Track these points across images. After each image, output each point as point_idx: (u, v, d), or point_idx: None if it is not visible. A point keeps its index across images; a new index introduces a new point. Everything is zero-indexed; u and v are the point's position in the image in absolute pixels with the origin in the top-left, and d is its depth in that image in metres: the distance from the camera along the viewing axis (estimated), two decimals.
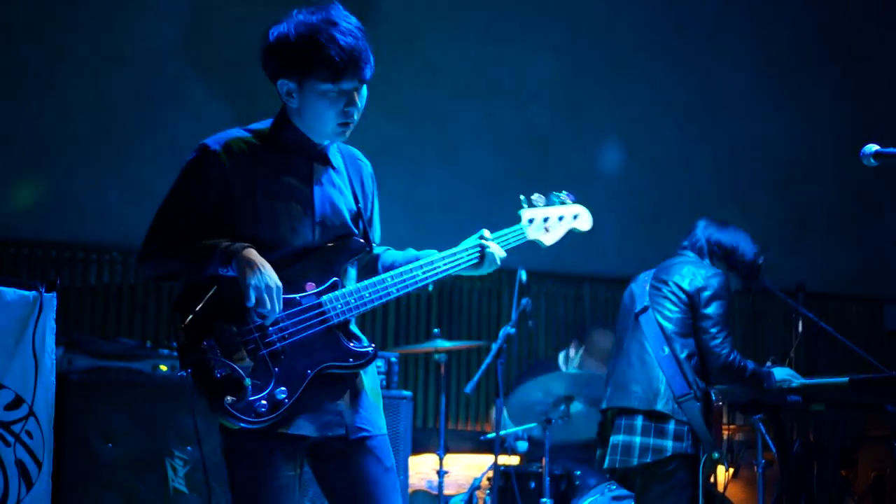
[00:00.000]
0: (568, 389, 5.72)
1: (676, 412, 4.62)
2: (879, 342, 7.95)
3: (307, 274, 2.99)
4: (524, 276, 5.85)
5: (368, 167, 3.24)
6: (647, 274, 4.97)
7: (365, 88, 3.02)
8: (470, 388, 5.94)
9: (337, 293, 2.99)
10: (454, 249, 3.19)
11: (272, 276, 2.87)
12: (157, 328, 6.88)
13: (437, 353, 5.96)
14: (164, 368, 4.98)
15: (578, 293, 7.70)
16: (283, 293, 2.90)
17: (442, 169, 7.41)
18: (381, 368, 5.68)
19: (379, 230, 3.30)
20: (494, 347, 5.72)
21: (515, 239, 3.32)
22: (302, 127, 3.03)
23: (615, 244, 7.57)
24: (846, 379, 4.80)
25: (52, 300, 4.17)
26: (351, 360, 3.00)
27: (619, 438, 4.71)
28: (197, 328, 2.87)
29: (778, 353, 5.94)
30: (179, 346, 2.90)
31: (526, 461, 6.14)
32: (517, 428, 6.04)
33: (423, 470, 6.21)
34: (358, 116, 3.03)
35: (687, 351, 4.71)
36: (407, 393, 5.72)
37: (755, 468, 5.04)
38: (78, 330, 6.60)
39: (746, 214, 5.24)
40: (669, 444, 4.63)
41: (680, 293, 4.74)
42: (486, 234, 3.23)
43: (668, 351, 4.69)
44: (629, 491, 5.03)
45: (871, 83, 8.30)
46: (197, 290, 2.93)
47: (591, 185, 7.59)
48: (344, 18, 2.95)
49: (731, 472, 5.75)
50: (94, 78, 6.89)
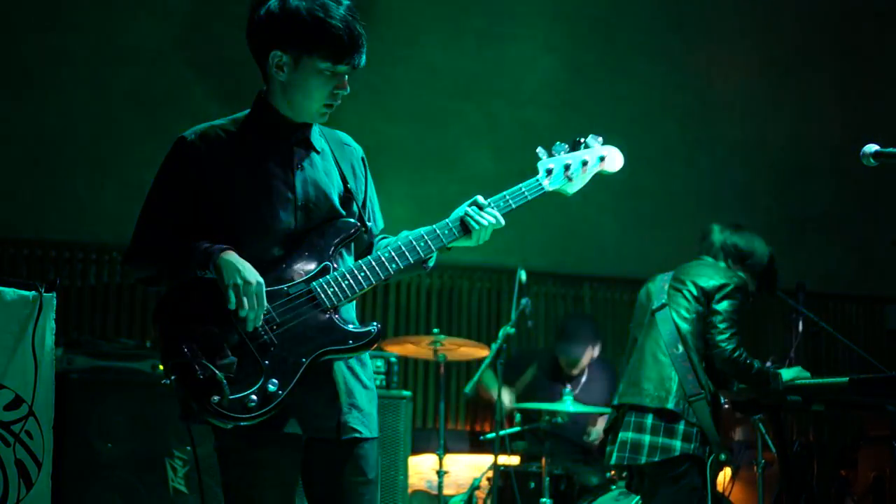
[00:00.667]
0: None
1: (687, 412, 4.64)
2: (879, 342, 7.96)
3: (296, 263, 2.92)
4: (524, 276, 5.85)
5: (359, 151, 3.18)
6: (665, 275, 5.00)
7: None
8: (470, 388, 5.94)
9: (328, 277, 2.92)
10: (443, 222, 3.06)
11: (252, 275, 2.81)
12: None
13: (436, 353, 5.94)
14: (164, 368, 4.98)
15: (578, 293, 7.69)
16: (269, 285, 2.84)
17: (441, 169, 7.41)
18: (380, 368, 5.68)
19: (380, 216, 3.23)
20: (494, 347, 5.72)
21: (531, 192, 3.12)
22: (283, 107, 2.98)
23: (615, 244, 7.57)
24: (846, 379, 4.79)
25: (51, 300, 4.16)
26: (351, 341, 2.90)
27: (628, 435, 4.72)
28: (177, 334, 2.83)
29: (778, 353, 5.95)
30: (161, 354, 2.88)
31: (526, 461, 6.14)
32: (517, 428, 6.04)
33: (422, 470, 6.21)
34: (340, 98, 2.97)
35: (703, 352, 4.74)
36: (407, 393, 5.73)
37: (755, 468, 5.04)
38: (78, 330, 6.61)
39: (746, 214, 5.24)
40: (678, 444, 4.64)
41: (697, 292, 4.77)
42: (479, 200, 3.08)
43: (682, 350, 4.71)
44: (635, 494, 5.03)
45: (871, 83, 8.30)
46: (177, 294, 2.91)
47: (590, 185, 7.60)
48: (347, 2, 2.94)
49: (731, 472, 5.74)
50: (94, 78, 6.89)
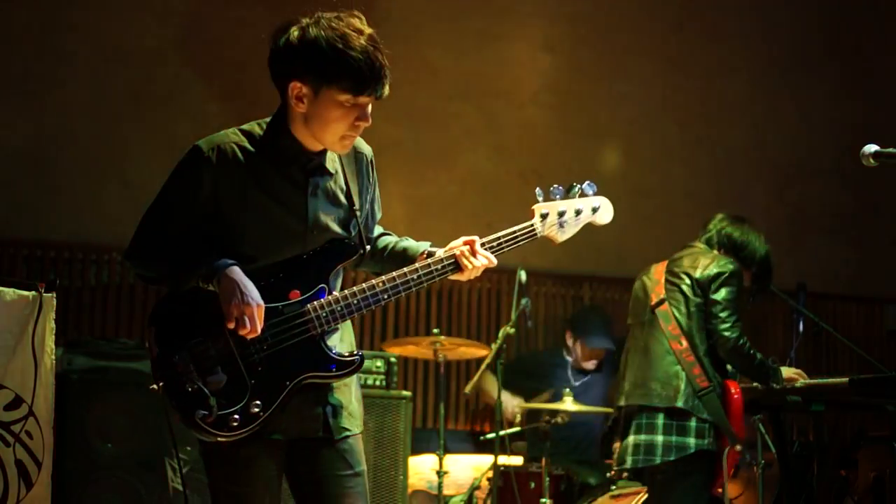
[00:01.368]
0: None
1: (697, 408, 4.62)
2: (879, 342, 7.95)
3: (293, 282, 2.93)
4: (524, 276, 5.85)
5: (368, 155, 3.16)
6: (658, 265, 4.97)
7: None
8: (470, 388, 5.93)
9: (322, 301, 2.92)
10: (438, 257, 3.06)
11: (254, 296, 2.82)
12: None
13: (436, 353, 5.94)
14: (153, 374, 4.97)
15: (578, 293, 7.69)
16: (265, 301, 2.85)
17: (441, 169, 7.40)
18: (381, 368, 5.68)
19: (379, 213, 3.24)
20: (494, 348, 5.72)
21: (523, 238, 3.14)
22: (301, 134, 2.95)
23: (615, 244, 7.56)
24: (846, 379, 4.80)
25: (51, 300, 4.17)
26: (333, 368, 2.93)
27: (640, 438, 4.69)
28: (171, 341, 2.84)
29: (778, 353, 5.95)
30: (152, 358, 2.88)
31: (526, 461, 6.13)
32: (516, 429, 6.04)
33: (422, 470, 6.21)
34: (362, 129, 2.96)
35: (706, 344, 4.71)
36: (407, 393, 5.73)
37: (755, 468, 5.04)
38: (78, 330, 6.61)
39: (746, 214, 5.22)
40: (692, 441, 4.62)
41: (694, 284, 4.75)
42: (476, 242, 3.06)
43: (686, 345, 4.69)
44: (641, 485, 5.02)
45: (871, 83, 8.30)
46: (175, 300, 2.92)
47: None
48: (369, 31, 2.89)
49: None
50: (94, 78, 6.89)
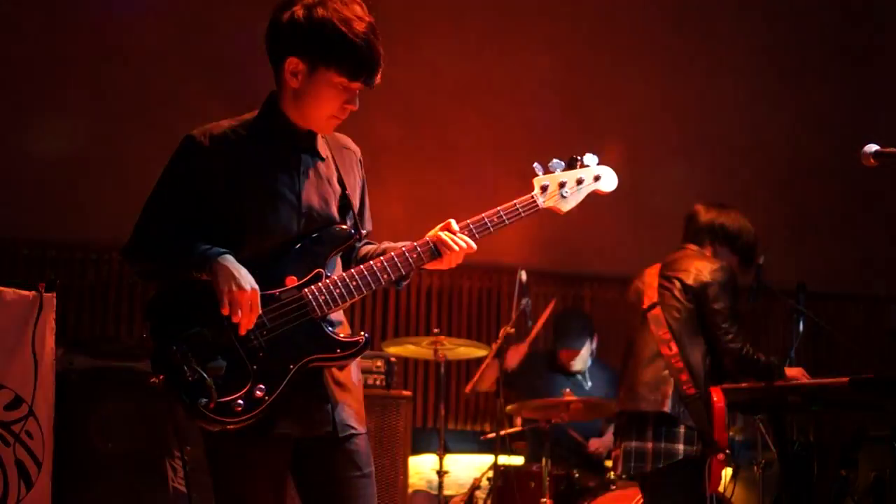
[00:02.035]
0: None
1: (684, 415, 4.59)
2: (879, 342, 7.95)
3: (289, 267, 2.93)
4: (524, 276, 5.85)
5: (357, 153, 3.19)
6: (651, 269, 4.95)
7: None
8: (470, 389, 5.94)
9: (320, 284, 2.92)
10: (423, 241, 3.04)
11: (248, 281, 2.83)
12: None
13: (436, 353, 5.94)
14: (152, 366, 4.98)
15: (578, 293, 7.70)
16: (262, 288, 2.86)
17: (441, 169, 7.41)
18: (381, 369, 5.68)
19: (370, 223, 3.23)
20: (494, 348, 5.72)
21: (525, 209, 3.11)
22: (293, 112, 2.98)
23: (615, 244, 7.57)
24: (846, 379, 4.79)
25: (51, 300, 4.17)
26: (339, 350, 2.92)
27: (631, 445, 4.68)
28: (168, 333, 2.85)
29: (778, 353, 5.94)
30: (151, 350, 2.88)
31: (526, 461, 6.14)
32: (516, 429, 6.05)
33: (423, 470, 6.21)
34: (348, 114, 2.98)
35: (696, 350, 4.68)
36: (407, 393, 5.73)
37: (755, 468, 5.04)
38: (78, 330, 6.62)
39: (746, 214, 5.22)
40: (681, 447, 4.60)
41: (686, 290, 4.71)
42: (452, 225, 3.06)
43: (675, 350, 4.66)
44: (638, 486, 5.02)
45: (871, 84, 8.30)
46: (171, 292, 2.93)
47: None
48: (367, 16, 2.92)
49: (731, 472, 5.74)
50: (94, 78, 6.89)
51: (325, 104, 2.94)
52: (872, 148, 3.40)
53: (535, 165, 3.18)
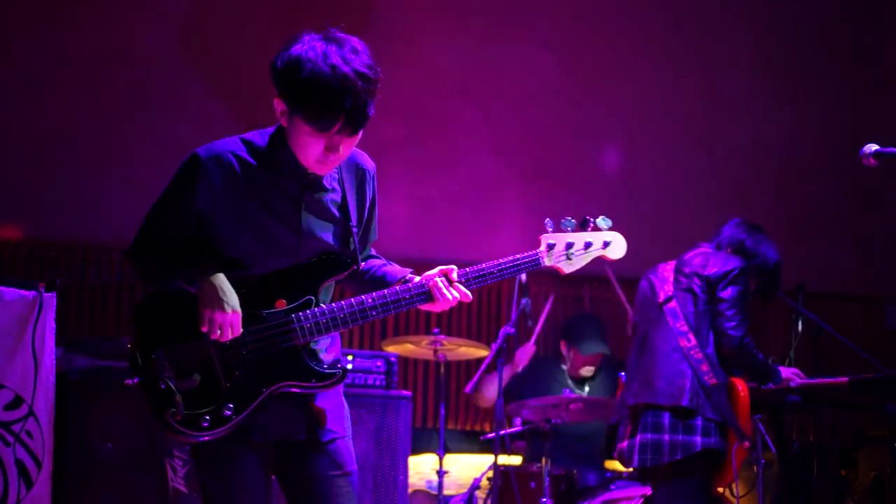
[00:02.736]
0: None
1: (703, 407, 4.59)
2: (879, 342, 7.95)
3: (281, 290, 2.94)
4: (524, 275, 5.85)
5: (369, 171, 3.13)
6: (666, 264, 4.96)
7: (360, 135, 2.89)
8: (470, 388, 5.94)
9: (308, 312, 2.93)
10: (419, 283, 3.02)
11: (231, 303, 2.83)
12: None
13: (436, 352, 5.94)
14: (129, 368, 4.97)
15: (578, 293, 7.69)
16: (250, 308, 2.87)
17: (441, 170, 7.40)
18: (381, 369, 5.68)
19: (375, 233, 3.22)
20: (494, 347, 5.72)
21: (527, 266, 3.09)
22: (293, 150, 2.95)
23: None
24: (846, 379, 4.80)
25: (51, 300, 4.17)
26: (314, 380, 2.93)
27: (647, 437, 4.67)
28: (151, 338, 2.87)
29: (778, 353, 5.95)
30: (131, 353, 2.90)
31: (526, 461, 6.13)
32: (516, 428, 6.04)
33: (422, 470, 6.21)
34: (339, 160, 2.93)
35: (713, 341, 4.69)
36: (407, 393, 5.73)
37: (755, 468, 5.03)
38: (78, 330, 6.61)
39: (746, 214, 5.22)
40: (699, 439, 4.60)
41: (702, 282, 4.73)
42: (451, 273, 3.01)
43: (694, 342, 4.67)
44: (641, 484, 5.01)
45: (870, 83, 8.29)
46: (159, 299, 2.94)
47: (590, 185, 7.60)
48: (351, 62, 2.77)
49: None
50: (94, 78, 6.89)
51: (305, 149, 2.88)
52: (872, 148, 3.40)
53: (546, 221, 3.14)
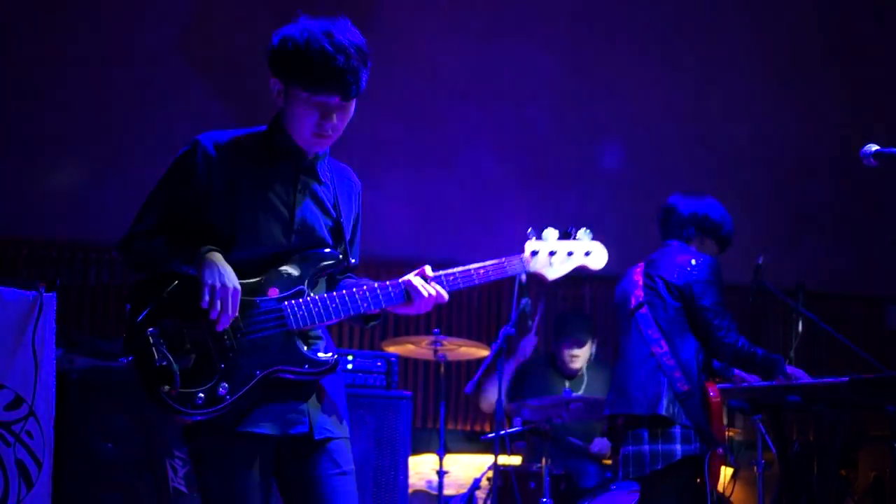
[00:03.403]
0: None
1: (678, 415, 4.57)
2: (879, 342, 7.95)
3: (274, 280, 2.99)
4: (524, 276, 5.84)
5: (358, 186, 3.25)
6: (633, 268, 4.94)
7: (353, 106, 3.00)
8: (470, 388, 5.94)
9: (300, 301, 2.98)
10: (396, 282, 3.08)
11: (231, 280, 2.89)
12: None
13: (436, 352, 5.94)
14: (124, 346, 4.97)
15: (578, 293, 7.69)
16: (245, 296, 2.92)
17: (441, 169, 7.41)
18: (381, 368, 5.68)
19: (357, 253, 3.27)
20: (494, 347, 5.72)
21: (512, 269, 3.19)
22: (289, 132, 3.04)
23: (615, 244, 7.54)
24: (846, 379, 4.79)
25: (51, 300, 4.18)
26: (307, 366, 2.98)
27: (628, 449, 4.65)
28: (146, 318, 2.91)
29: (778, 353, 5.94)
30: (126, 331, 2.93)
31: (526, 461, 6.13)
32: (516, 428, 6.04)
33: (422, 470, 6.21)
34: (335, 132, 3.02)
35: (687, 346, 4.65)
36: (407, 393, 5.73)
37: (755, 468, 5.04)
38: (78, 330, 6.61)
39: (746, 214, 5.23)
40: (678, 447, 4.58)
41: (671, 288, 4.70)
42: (426, 271, 3.09)
43: (666, 348, 4.64)
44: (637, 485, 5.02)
45: (871, 83, 8.29)
46: (156, 280, 2.97)
47: (590, 185, 7.59)
48: (343, 33, 2.95)
49: (731, 472, 5.74)
50: (94, 78, 6.89)
51: (301, 121, 2.99)
52: (872, 148, 3.41)
53: (528, 231, 3.25)
